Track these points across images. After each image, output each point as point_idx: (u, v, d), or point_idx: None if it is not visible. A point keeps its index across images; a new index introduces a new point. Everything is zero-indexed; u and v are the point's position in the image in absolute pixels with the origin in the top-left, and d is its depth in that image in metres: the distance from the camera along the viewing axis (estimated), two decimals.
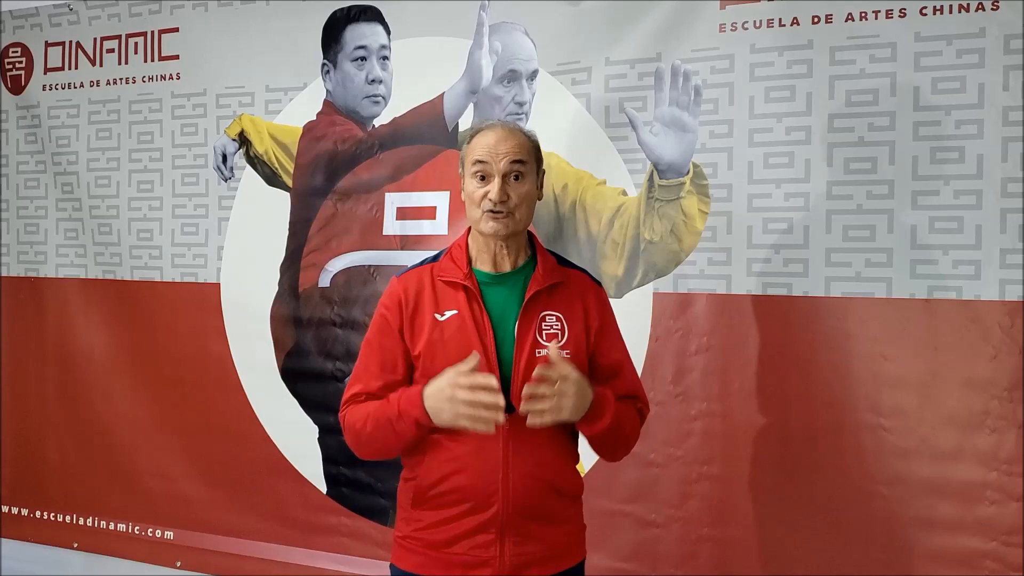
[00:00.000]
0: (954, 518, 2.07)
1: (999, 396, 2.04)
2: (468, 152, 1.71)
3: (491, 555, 1.66)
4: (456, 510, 1.67)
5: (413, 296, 1.72)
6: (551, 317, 1.69)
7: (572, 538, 1.76)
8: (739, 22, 2.26)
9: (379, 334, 1.75)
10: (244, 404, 2.91)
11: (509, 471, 1.64)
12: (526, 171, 1.68)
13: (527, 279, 1.71)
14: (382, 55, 2.71)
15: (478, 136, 1.71)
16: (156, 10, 3.03)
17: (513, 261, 1.73)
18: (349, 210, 2.76)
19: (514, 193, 1.66)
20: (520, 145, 1.68)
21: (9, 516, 3.34)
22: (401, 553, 1.75)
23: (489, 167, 1.66)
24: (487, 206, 1.65)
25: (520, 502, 1.65)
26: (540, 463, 1.67)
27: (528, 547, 1.67)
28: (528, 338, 1.67)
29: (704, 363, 2.31)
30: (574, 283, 1.76)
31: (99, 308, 3.16)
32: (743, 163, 2.27)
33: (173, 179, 3.03)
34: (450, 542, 1.67)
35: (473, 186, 1.68)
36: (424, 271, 1.75)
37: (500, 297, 1.70)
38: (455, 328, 1.67)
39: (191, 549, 3.01)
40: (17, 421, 3.33)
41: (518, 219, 1.68)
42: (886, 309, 2.13)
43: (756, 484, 2.26)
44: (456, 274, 1.70)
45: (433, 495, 1.69)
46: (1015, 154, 2.02)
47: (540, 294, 1.69)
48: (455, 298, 1.69)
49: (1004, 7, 2.02)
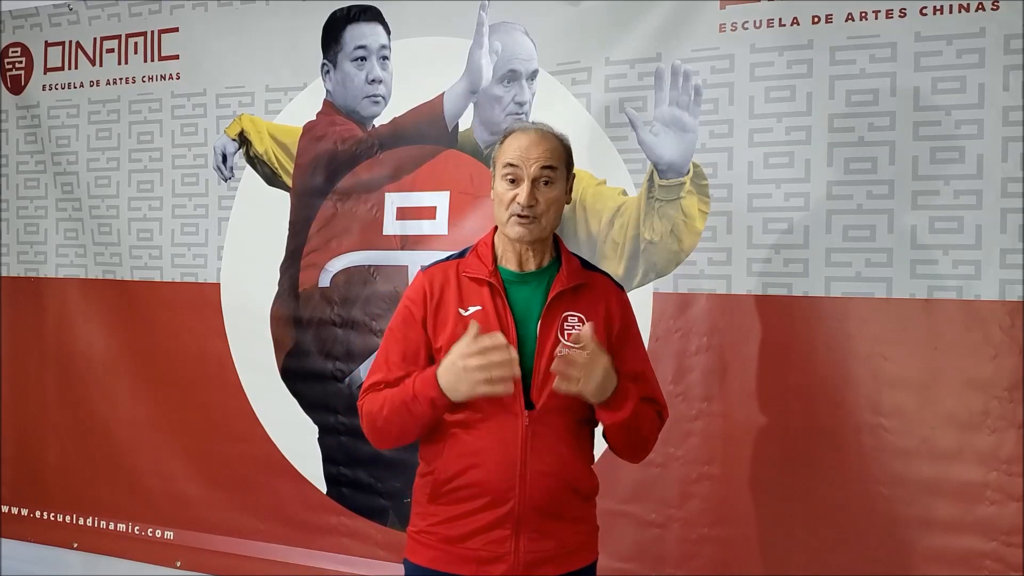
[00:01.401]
0: (954, 518, 2.07)
1: (999, 396, 2.04)
2: (500, 154, 1.71)
3: (506, 550, 1.66)
4: (473, 505, 1.67)
5: (438, 289, 1.73)
6: (573, 318, 1.70)
7: (586, 538, 1.76)
8: (739, 22, 2.26)
9: (403, 324, 1.75)
10: (244, 404, 2.91)
11: (527, 467, 1.65)
12: (556, 176, 1.69)
13: (551, 279, 1.72)
14: (382, 55, 2.71)
15: (511, 138, 1.71)
16: (156, 10, 3.03)
17: (538, 262, 1.74)
18: (349, 210, 2.76)
19: (543, 198, 1.67)
20: (552, 150, 1.69)
21: (9, 516, 3.34)
22: (416, 548, 1.75)
23: (519, 171, 1.67)
24: (515, 210, 1.66)
25: (536, 498, 1.65)
26: (558, 460, 1.67)
27: (542, 544, 1.67)
28: (550, 337, 1.68)
29: (704, 363, 2.31)
30: (598, 286, 1.77)
31: (99, 308, 3.16)
32: (743, 163, 2.27)
33: (173, 179, 3.03)
34: (465, 537, 1.67)
35: (503, 188, 1.69)
36: (450, 266, 1.76)
37: (524, 296, 1.71)
38: (479, 323, 1.66)
39: (191, 549, 3.01)
40: (17, 421, 3.33)
41: (544, 225, 1.68)
42: (886, 309, 2.13)
43: (756, 484, 2.26)
44: (481, 270, 1.71)
45: (450, 489, 1.69)
46: (1015, 154, 2.02)
47: (563, 295, 1.70)
48: (479, 294, 1.70)
49: (1004, 7, 2.02)
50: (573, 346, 1.62)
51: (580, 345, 1.59)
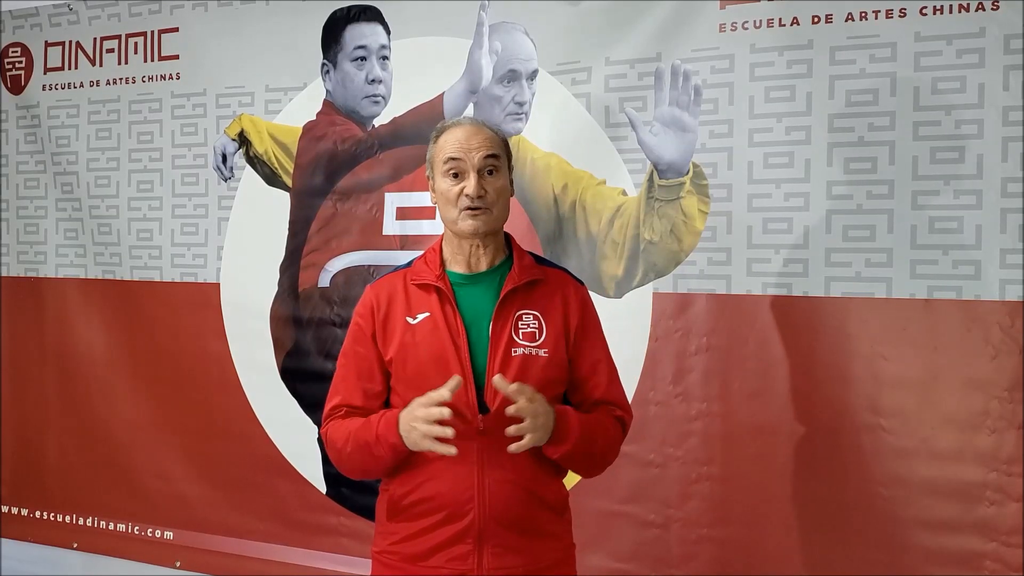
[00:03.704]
0: (954, 518, 2.07)
1: (999, 396, 2.03)
2: (437, 151, 1.67)
3: (468, 567, 1.59)
4: (431, 520, 1.61)
5: (385, 301, 1.69)
6: (528, 316, 1.64)
7: (561, 555, 1.68)
8: (739, 22, 2.26)
9: (354, 342, 1.72)
10: (244, 404, 2.91)
11: (484, 475, 1.59)
12: (499, 165, 1.65)
13: (503, 278, 1.66)
14: (382, 55, 2.71)
15: (445, 134, 1.67)
16: (156, 10, 3.03)
17: (489, 261, 1.68)
18: (349, 210, 2.76)
19: (490, 188, 1.63)
20: (490, 139, 1.65)
21: (9, 516, 3.34)
22: (378, 568, 1.70)
23: (462, 163, 1.62)
24: (464, 203, 1.61)
25: (498, 508, 1.59)
26: (517, 467, 1.60)
27: (509, 560, 1.60)
28: (503, 337, 1.62)
29: (704, 363, 2.31)
30: (553, 281, 1.71)
31: (99, 308, 3.16)
32: (743, 163, 2.26)
33: (173, 179, 3.03)
34: (427, 554, 1.61)
35: (447, 185, 1.64)
36: (397, 276, 1.72)
37: (475, 297, 1.66)
38: (427, 331, 1.63)
39: (190, 549, 3.01)
40: (17, 421, 3.33)
41: (495, 215, 1.64)
42: (886, 309, 2.13)
43: (756, 484, 2.26)
44: (428, 276, 1.67)
45: (407, 505, 1.64)
46: (1015, 154, 2.02)
47: (516, 292, 1.65)
48: (427, 301, 1.65)
49: (1004, 7, 2.02)
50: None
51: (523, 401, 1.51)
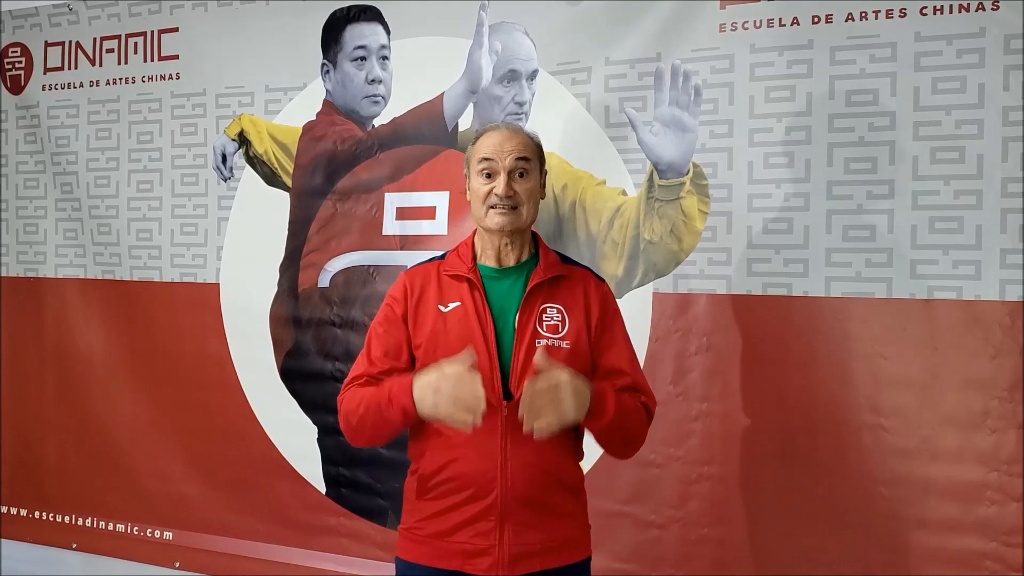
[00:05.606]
0: (954, 518, 2.07)
1: (999, 396, 2.04)
2: (473, 152, 1.77)
3: (490, 543, 1.68)
4: (457, 498, 1.70)
5: (419, 287, 1.78)
6: (552, 309, 1.74)
7: (575, 532, 1.77)
8: (739, 22, 2.26)
9: (385, 322, 1.80)
10: (243, 404, 2.91)
11: (508, 458, 1.68)
12: (530, 168, 1.75)
13: (529, 273, 1.76)
14: (382, 55, 2.71)
15: (483, 136, 1.78)
16: (156, 10, 3.03)
17: (517, 256, 1.78)
18: (349, 210, 2.76)
19: (519, 189, 1.73)
20: (524, 144, 1.75)
21: (8, 516, 3.34)
22: (405, 544, 1.78)
23: (495, 164, 1.72)
24: (493, 201, 1.72)
25: (519, 489, 1.68)
26: (538, 451, 1.67)
27: (528, 536, 1.68)
28: (528, 329, 1.71)
29: (704, 363, 2.31)
30: (576, 277, 1.80)
31: (98, 308, 3.16)
32: (743, 163, 2.27)
33: (173, 179, 3.03)
34: (452, 531, 1.70)
35: (479, 183, 1.74)
36: (431, 266, 1.82)
37: (502, 290, 1.75)
38: (457, 319, 1.72)
39: (190, 549, 3.01)
40: (17, 421, 3.32)
41: (523, 214, 1.73)
42: (886, 309, 2.13)
43: (756, 484, 2.26)
44: (460, 267, 1.77)
45: (435, 484, 1.72)
46: (1015, 154, 2.02)
47: (542, 286, 1.74)
48: (459, 290, 1.75)
49: (1004, 7, 2.02)
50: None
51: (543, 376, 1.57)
